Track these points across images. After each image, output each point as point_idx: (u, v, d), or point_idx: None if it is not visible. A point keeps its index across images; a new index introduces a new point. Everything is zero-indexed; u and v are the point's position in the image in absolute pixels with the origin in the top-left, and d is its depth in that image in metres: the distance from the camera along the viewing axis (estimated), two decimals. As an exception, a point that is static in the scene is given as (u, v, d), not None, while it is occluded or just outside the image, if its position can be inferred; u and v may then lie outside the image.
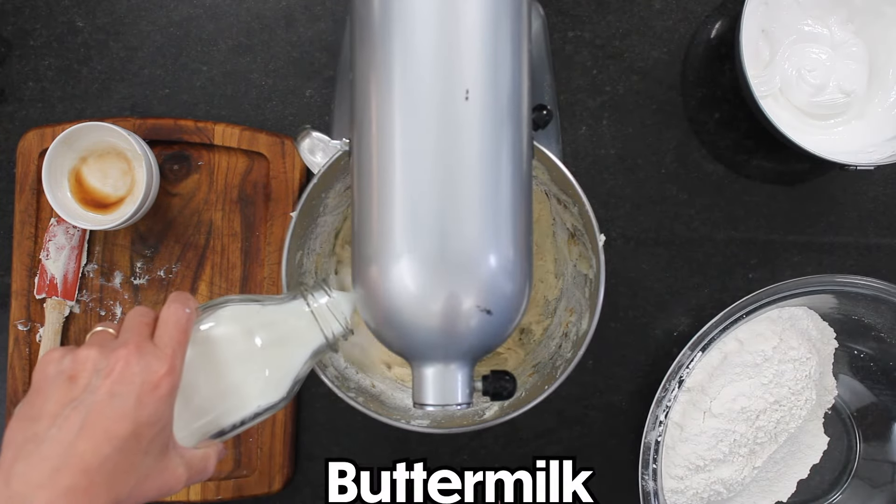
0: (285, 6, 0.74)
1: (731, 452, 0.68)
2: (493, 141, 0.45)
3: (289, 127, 0.74)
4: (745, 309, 0.67)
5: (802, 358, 0.69)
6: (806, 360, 0.69)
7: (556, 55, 0.74)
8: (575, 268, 0.66)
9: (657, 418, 0.66)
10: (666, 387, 0.66)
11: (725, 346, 0.70)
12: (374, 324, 0.47)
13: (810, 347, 0.70)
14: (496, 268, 0.44)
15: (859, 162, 0.66)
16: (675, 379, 0.66)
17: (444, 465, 0.74)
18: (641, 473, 0.66)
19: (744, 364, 0.69)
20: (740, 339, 0.70)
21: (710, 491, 0.69)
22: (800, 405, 0.70)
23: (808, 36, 0.71)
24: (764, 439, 0.69)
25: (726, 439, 0.68)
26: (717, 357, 0.70)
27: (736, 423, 0.68)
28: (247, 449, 0.72)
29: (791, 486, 0.75)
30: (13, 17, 0.74)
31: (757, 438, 0.69)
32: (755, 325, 0.70)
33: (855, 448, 0.76)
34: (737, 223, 0.75)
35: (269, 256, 0.72)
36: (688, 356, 0.66)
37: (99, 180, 0.69)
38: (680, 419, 0.70)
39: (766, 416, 0.68)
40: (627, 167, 0.74)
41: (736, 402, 0.68)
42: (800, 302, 0.71)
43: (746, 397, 0.68)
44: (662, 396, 0.66)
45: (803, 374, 0.69)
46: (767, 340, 0.69)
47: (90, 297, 0.72)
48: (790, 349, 0.69)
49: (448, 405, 0.46)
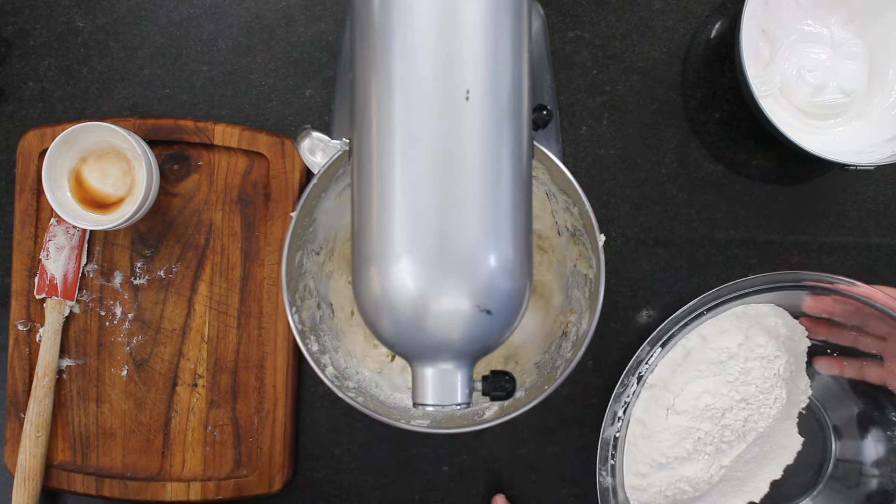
0: (285, 6, 0.74)
1: (695, 450, 0.67)
2: (494, 141, 0.45)
3: (289, 127, 0.74)
4: (706, 305, 0.66)
5: (770, 356, 0.68)
6: (774, 359, 0.68)
7: (556, 55, 0.74)
8: (575, 268, 0.66)
9: (615, 414, 0.66)
10: (625, 382, 0.66)
11: (688, 342, 0.69)
12: (373, 324, 0.47)
13: (779, 345, 0.69)
14: (496, 268, 0.44)
15: (859, 162, 0.66)
16: (634, 375, 0.66)
17: (443, 464, 0.74)
18: (599, 469, 0.66)
19: (708, 361, 0.68)
20: (703, 336, 0.69)
21: (675, 489, 0.68)
22: (769, 404, 0.68)
23: (808, 36, 0.71)
24: (731, 438, 0.68)
25: (690, 437, 0.67)
26: (679, 353, 0.69)
27: (700, 421, 0.67)
28: (247, 449, 0.72)
29: (764, 486, 0.73)
30: (13, 17, 0.74)
31: (724, 437, 0.68)
32: (719, 322, 0.69)
33: (830, 448, 0.75)
34: (737, 223, 0.75)
35: (269, 256, 0.72)
36: (647, 352, 0.66)
37: (99, 180, 0.69)
38: (642, 415, 0.68)
39: (732, 414, 0.67)
40: (627, 167, 0.74)
41: (700, 400, 0.67)
42: (766, 299, 0.69)
43: (711, 395, 0.67)
44: (621, 392, 0.66)
45: (771, 372, 0.68)
46: (732, 337, 0.68)
47: (90, 297, 0.72)
48: (757, 346, 0.68)
49: (448, 405, 0.46)
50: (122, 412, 0.72)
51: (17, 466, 0.69)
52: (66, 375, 0.72)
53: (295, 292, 0.62)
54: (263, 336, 0.72)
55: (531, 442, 0.74)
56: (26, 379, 0.71)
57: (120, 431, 0.72)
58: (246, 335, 0.72)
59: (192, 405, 0.72)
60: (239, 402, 0.72)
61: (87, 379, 0.72)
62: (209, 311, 0.72)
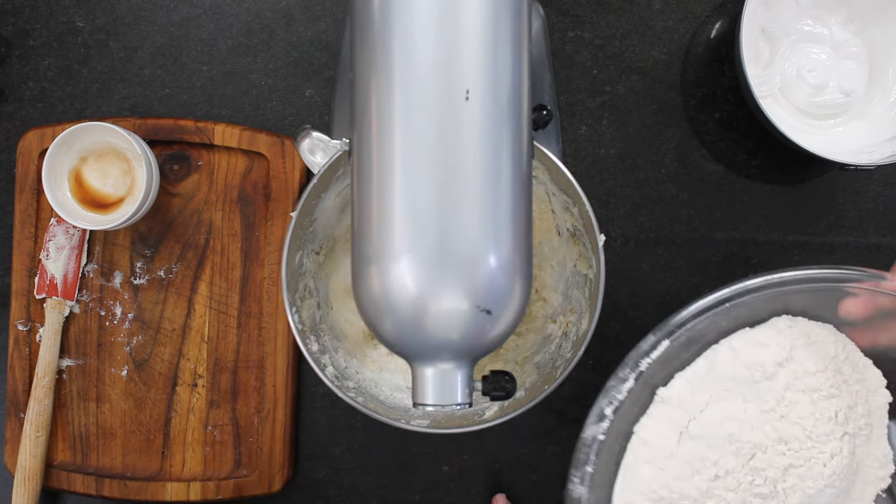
0: (285, 6, 0.74)
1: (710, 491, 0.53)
2: (494, 141, 0.45)
3: (289, 127, 0.74)
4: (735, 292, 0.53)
5: (822, 388, 0.52)
6: (830, 397, 0.53)
7: (556, 55, 0.74)
8: (575, 268, 0.66)
9: (602, 411, 0.54)
10: (620, 376, 0.54)
11: (715, 353, 0.56)
12: (373, 324, 0.47)
13: (838, 381, 0.53)
14: (496, 268, 0.44)
15: (859, 162, 0.66)
16: (633, 370, 0.54)
17: (443, 464, 0.74)
18: (571, 475, 0.54)
19: (737, 379, 0.54)
20: (734, 347, 0.56)
21: None
22: (822, 459, 0.52)
23: (808, 36, 0.71)
24: (764, 490, 0.53)
25: (705, 472, 0.53)
26: (703, 366, 0.56)
27: (721, 454, 0.53)
28: (247, 449, 0.72)
29: None
30: (13, 17, 0.74)
31: (753, 484, 0.53)
32: (755, 334, 0.56)
33: None
34: (737, 223, 0.75)
35: (269, 256, 0.72)
36: (651, 343, 0.54)
37: (99, 180, 0.69)
38: (649, 435, 0.56)
39: (766, 457, 0.53)
40: (627, 167, 0.74)
41: (723, 427, 0.53)
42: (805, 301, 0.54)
43: (738, 423, 0.53)
44: (612, 386, 0.54)
45: (826, 414, 0.52)
46: (770, 352, 0.54)
47: (90, 297, 0.72)
48: (805, 373, 0.53)
49: (448, 405, 0.46)
50: (122, 412, 0.72)
51: (17, 466, 0.69)
52: (66, 375, 0.72)
53: (295, 292, 0.62)
54: (263, 336, 0.72)
55: (531, 442, 0.74)
56: (26, 379, 0.71)
57: (120, 431, 0.72)
58: (246, 335, 0.72)
59: (192, 405, 0.72)
60: (239, 402, 0.72)
61: (87, 379, 0.72)
62: (209, 311, 0.72)
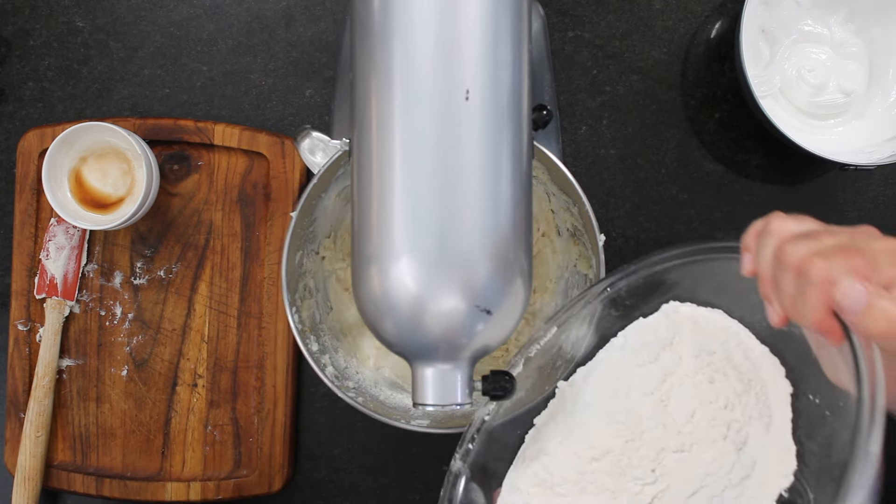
0: (285, 6, 0.74)
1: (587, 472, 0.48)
2: (493, 141, 0.45)
3: (289, 127, 0.74)
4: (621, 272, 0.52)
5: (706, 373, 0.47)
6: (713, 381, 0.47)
7: (556, 55, 0.74)
8: (575, 268, 0.66)
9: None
10: (512, 363, 0.54)
11: (612, 343, 0.53)
12: (373, 324, 0.47)
13: (726, 366, 0.48)
14: (496, 268, 0.44)
15: (859, 162, 0.66)
16: (521, 354, 0.54)
17: (443, 464, 0.74)
18: (457, 449, 0.52)
19: (626, 365, 0.51)
20: (626, 335, 0.52)
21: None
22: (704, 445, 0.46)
23: (808, 36, 0.71)
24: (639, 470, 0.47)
25: (584, 453, 0.48)
26: (601, 357, 0.53)
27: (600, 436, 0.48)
28: (247, 449, 0.72)
29: None
30: (13, 17, 0.74)
31: (630, 465, 0.47)
32: (647, 321, 0.52)
33: None
34: (737, 223, 0.75)
35: (269, 256, 0.72)
36: (543, 330, 0.54)
37: (99, 180, 0.69)
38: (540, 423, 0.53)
39: (644, 439, 0.47)
40: (627, 167, 0.74)
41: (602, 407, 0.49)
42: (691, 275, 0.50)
43: (619, 403, 0.48)
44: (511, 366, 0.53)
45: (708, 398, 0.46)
46: (656, 336, 0.51)
47: (90, 297, 0.72)
48: (688, 357, 0.48)
49: (448, 405, 0.46)
50: (122, 412, 0.72)
51: (17, 466, 0.69)
52: (66, 375, 0.72)
53: (295, 292, 0.62)
54: (263, 336, 0.72)
55: (531, 442, 0.74)
56: (26, 379, 0.71)
57: (120, 431, 0.72)
58: (246, 335, 0.72)
59: (192, 405, 0.72)
60: (239, 402, 0.72)
61: (87, 379, 0.72)
62: (209, 311, 0.72)
